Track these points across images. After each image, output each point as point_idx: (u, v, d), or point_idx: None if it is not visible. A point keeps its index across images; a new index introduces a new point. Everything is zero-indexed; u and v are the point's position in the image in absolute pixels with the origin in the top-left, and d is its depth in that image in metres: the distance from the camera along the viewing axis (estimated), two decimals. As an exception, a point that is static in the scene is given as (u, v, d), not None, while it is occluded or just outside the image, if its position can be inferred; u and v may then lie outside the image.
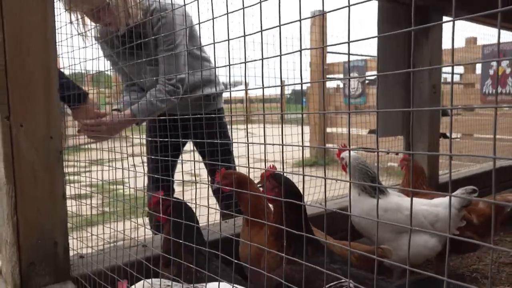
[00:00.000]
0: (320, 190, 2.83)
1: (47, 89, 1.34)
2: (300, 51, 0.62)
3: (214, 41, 0.82)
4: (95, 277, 1.31)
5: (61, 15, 1.63)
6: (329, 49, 6.96)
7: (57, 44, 1.40)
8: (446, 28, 3.25)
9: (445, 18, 3.05)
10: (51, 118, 1.35)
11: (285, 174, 1.63)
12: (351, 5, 0.55)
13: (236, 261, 0.90)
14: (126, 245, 1.72)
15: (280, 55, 0.66)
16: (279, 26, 0.65)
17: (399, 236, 2.04)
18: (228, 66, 0.85)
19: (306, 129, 7.70)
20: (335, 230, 2.26)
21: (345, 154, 2.15)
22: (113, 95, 3.24)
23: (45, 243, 1.35)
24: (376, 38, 2.89)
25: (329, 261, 1.46)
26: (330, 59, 7.96)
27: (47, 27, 1.34)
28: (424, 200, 2.12)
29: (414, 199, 2.16)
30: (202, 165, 2.44)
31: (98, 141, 2.06)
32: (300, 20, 0.62)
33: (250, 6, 0.69)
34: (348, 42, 0.57)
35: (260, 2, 0.66)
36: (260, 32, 0.69)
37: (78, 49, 1.65)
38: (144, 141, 2.52)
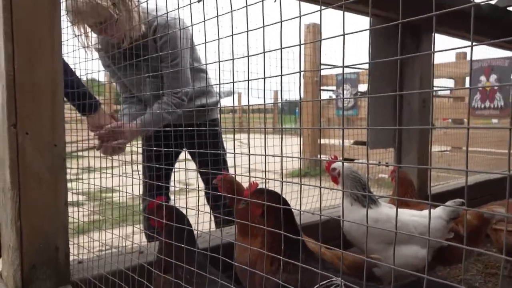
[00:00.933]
0: (312, 200, 2.89)
1: (53, 99, 1.39)
2: (300, 72, 0.68)
3: (219, 59, 0.88)
4: (95, 281, 1.36)
5: (68, 28, 1.68)
6: (322, 61, 7.08)
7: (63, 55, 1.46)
8: (437, 43, 3.35)
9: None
10: (56, 127, 1.41)
11: (279, 184, 1.68)
12: (346, 34, 0.62)
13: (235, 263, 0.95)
14: (123, 251, 1.76)
15: (281, 75, 0.73)
16: (280, 49, 0.71)
17: (389, 247, 2.09)
18: (232, 83, 0.91)
19: (298, 140, 7.76)
20: (327, 239, 2.31)
21: (336, 164, 2.18)
22: (106, 103, 3.28)
23: (47, 247, 1.39)
24: (366, 51, 2.99)
25: (322, 268, 1.50)
26: (323, 71, 8.08)
27: (54, 39, 1.40)
28: (414, 211, 2.18)
29: (404, 210, 2.22)
30: (195, 174, 2.49)
31: (117, 153, 2.11)
32: (299, 45, 0.69)
33: (253, 29, 0.76)
34: (343, 67, 0.64)
35: (263, 27, 0.72)
36: (263, 53, 0.75)
37: (81, 61, 1.70)
38: (137, 149, 2.57)
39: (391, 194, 2.73)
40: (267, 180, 0.95)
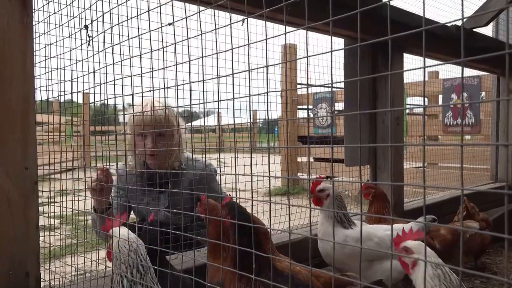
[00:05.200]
0: (290, 219, 2.88)
1: (25, 121, 1.37)
2: (267, 92, 0.70)
3: (204, 77, 0.90)
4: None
5: (40, 51, 1.67)
6: (298, 81, 7.18)
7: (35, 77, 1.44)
8: (407, 62, 3.46)
9: (405, 55, 3.25)
10: (27, 149, 1.38)
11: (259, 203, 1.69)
12: (309, 56, 0.64)
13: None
14: (96, 276, 1.72)
15: (250, 95, 0.74)
16: (249, 70, 0.73)
17: (372, 264, 2.11)
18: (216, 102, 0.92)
19: (278, 159, 7.81)
20: (305, 258, 2.31)
21: (325, 186, 2.12)
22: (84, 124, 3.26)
23: (16, 273, 1.35)
24: (343, 71, 3.06)
25: (292, 286, 1.50)
26: (299, 91, 8.20)
27: (26, 60, 1.39)
28: (384, 226, 2.21)
29: (379, 226, 2.25)
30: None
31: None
32: (267, 66, 0.71)
33: (237, 47, 0.78)
34: (307, 91, 0.66)
35: (248, 44, 0.74)
36: (247, 71, 0.77)
37: (54, 83, 1.69)
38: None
39: (367, 210, 2.75)
40: (252, 199, 0.95)
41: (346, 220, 2.12)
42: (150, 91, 1.15)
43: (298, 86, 7.03)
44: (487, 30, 4.78)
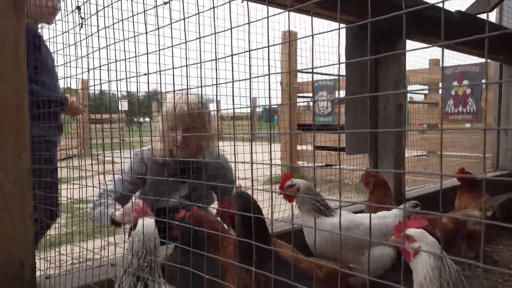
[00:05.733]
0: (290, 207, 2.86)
1: (19, 111, 1.33)
2: (269, 74, 0.66)
3: (201, 60, 0.85)
4: (63, 297, 1.29)
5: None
6: (298, 68, 7.12)
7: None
8: (409, 48, 3.41)
9: (408, 41, 3.20)
10: (20, 138, 1.34)
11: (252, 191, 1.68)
12: (314, 34, 0.60)
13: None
14: (94, 265, 1.70)
15: (250, 78, 0.70)
16: (249, 51, 0.69)
17: (361, 252, 2.09)
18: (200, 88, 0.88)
19: (277, 147, 7.78)
20: (305, 246, 2.29)
21: (294, 180, 2.10)
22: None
23: (11, 263, 1.32)
24: (344, 59, 3.00)
25: (296, 279, 1.48)
26: (300, 78, 8.13)
27: (19, 51, 1.34)
28: (374, 214, 2.20)
29: (365, 214, 2.24)
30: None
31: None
32: (268, 46, 0.67)
33: (221, 31, 0.73)
34: (312, 68, 0.62)
35: (249, 23, 0.70)
36: (231, 56, 0.73)
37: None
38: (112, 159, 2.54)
39: (368, 199, 2.73)
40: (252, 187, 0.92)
41: (325, 208, 2.07)
42: (145, 74, 1.11)
43: (304, 71, 6.97)
44: (491, 16, 4.72)
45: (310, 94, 7.72)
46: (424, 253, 1.25)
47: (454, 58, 5.94)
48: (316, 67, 0.63)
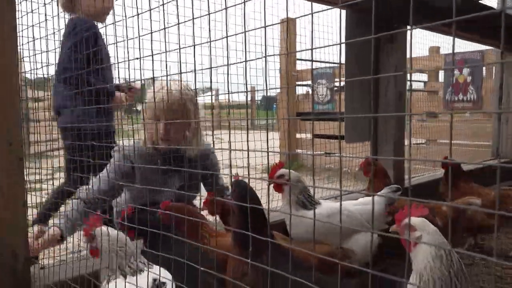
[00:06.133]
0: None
1: (8, 98, 1.29)
2: (265, 56, 0.62)
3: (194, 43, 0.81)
4: (56, 288, 1.27)
5: (22, 18, 1.58)
6: (298, 56, 7.05)
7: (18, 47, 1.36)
8: (410, 36, 3.35)
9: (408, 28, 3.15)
10: (10, 125, 1.31)
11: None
12: (314, 12, 0.56)
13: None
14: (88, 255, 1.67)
15: (246, 61, 0.66)
16: (244, 32, 0.65)
17: (348, 238, 2.08)
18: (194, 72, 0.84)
19: (276, 135, 7.74)
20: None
21: (283, 171, 2.08)
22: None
23: (3, 253, 1.29)
24: (344, 46, 2.95)
25: (292, 267, 1.47)
26: (299, 66, 8.06)
27: (5, 36, 1.30)
28: (354, 201, 2.20)
29: (347, 201, 2.23)
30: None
31: None
32: (265, 27, 0.63)
33: (214, 12, 0.69)
34: (312, 49, 0.58)
35: (226, 8, 0.66)
36: (225, 38, 0.69)
37: (41, 52, 1.60)
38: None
39: (367, 188, 2.71)
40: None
41: (308, 202, 2.05)
42: (137, 59, 1.07)
43: (303, 59, 6.92)
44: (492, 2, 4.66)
45: (309, 82, 7.67)
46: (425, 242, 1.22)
47: (454, 45, 5.87)
48: (315, 48, 0.60)
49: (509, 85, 4.57)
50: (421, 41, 6.85)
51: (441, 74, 7.52)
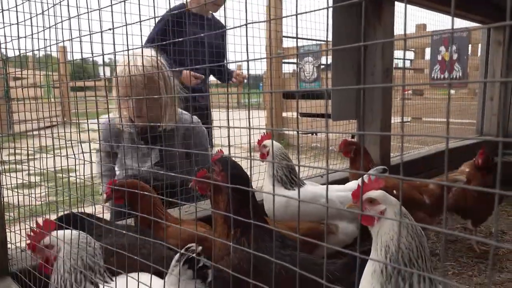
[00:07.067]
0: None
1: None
2: (246, 24, 0.58)
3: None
4: (35, 272, 1.22)
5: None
6: (284, 33, 6.95)
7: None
8: (397, 13, 3.31)
9: (397, 4, 3.09)
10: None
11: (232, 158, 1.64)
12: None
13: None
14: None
15: (226, 29, 0.62)
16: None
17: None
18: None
19: (262, 113, 7.69)
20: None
21: (268, 142, 2.13)
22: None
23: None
24: (331, 23, 2.89)
25: (280, 246, 1.45)
26: (285, 43, 7.97)
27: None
28: (337, 186, 2.16)
29: (331, 186, 2.18)
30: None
31: None
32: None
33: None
34: (296, 14, 0.54)
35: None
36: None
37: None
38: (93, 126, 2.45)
39: (350, 168, 2.68)
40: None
41: (289, 181, 2.02)
42: (110, 29, 1.00)
43: (289, 33, 6.80)
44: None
45: (294, 60, 7.59)
46: (390, 214, 1.19)
47: (440, 22, 5.84)
48: (300, 13, 0.55)
49: (494, 61, 4.57)
50: (407, 18, 6.82)
51: (427, 52, 7.52)
